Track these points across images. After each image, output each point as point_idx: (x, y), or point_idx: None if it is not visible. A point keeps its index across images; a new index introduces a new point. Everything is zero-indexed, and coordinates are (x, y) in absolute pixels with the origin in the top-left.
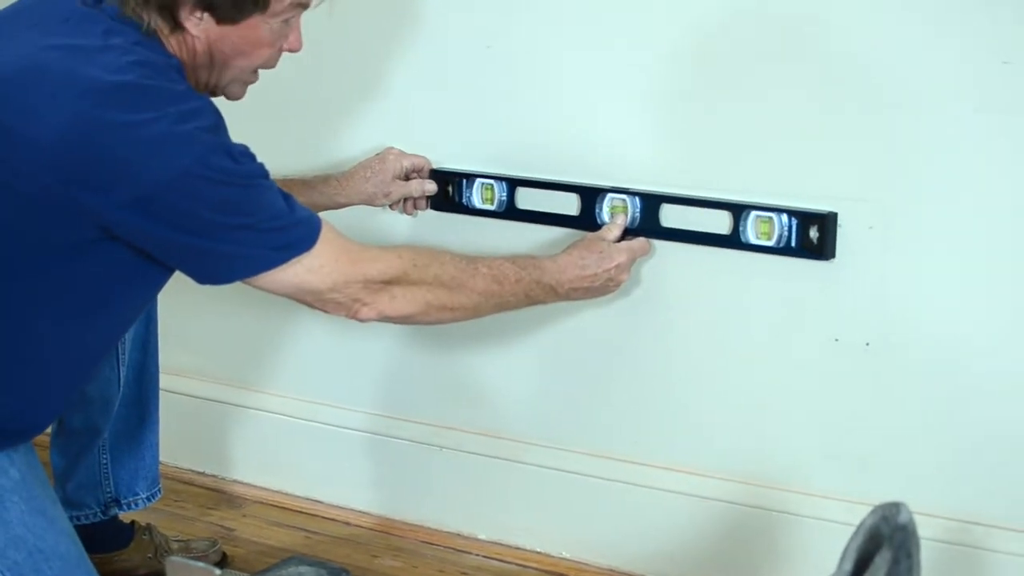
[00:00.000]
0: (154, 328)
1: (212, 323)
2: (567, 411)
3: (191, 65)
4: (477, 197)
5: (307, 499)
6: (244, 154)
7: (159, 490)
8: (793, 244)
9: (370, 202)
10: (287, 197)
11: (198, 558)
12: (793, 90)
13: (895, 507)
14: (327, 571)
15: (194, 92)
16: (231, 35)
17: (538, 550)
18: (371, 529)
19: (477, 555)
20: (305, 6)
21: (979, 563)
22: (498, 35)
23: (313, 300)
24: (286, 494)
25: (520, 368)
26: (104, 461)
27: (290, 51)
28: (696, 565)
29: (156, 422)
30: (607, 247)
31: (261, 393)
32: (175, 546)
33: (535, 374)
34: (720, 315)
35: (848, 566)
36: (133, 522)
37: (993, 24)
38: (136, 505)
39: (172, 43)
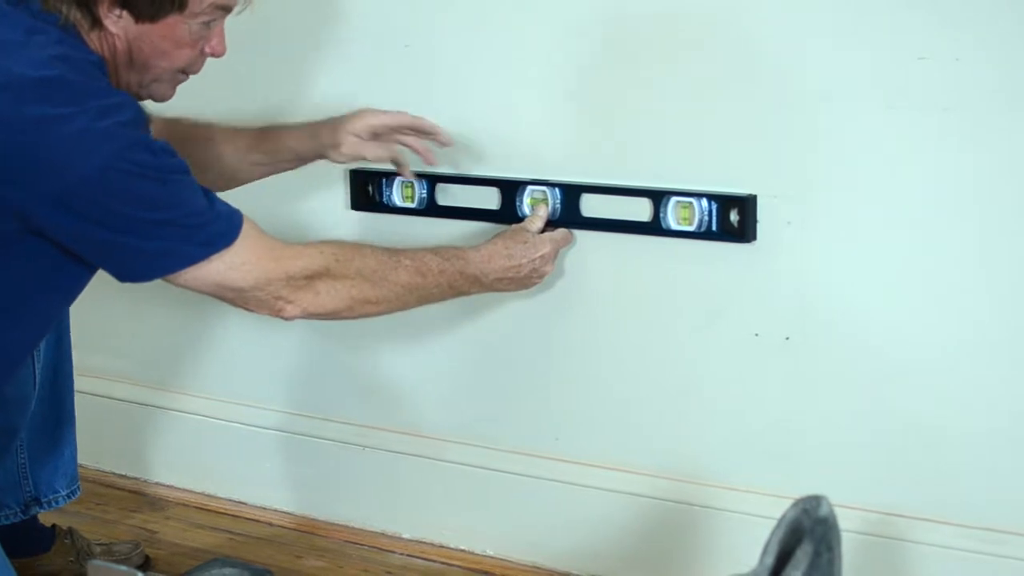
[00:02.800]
0: (66, 325)
1: (132, 325)
2: (489, 408)
3: (113, 64)
4: (397, 195)
5: (230, 500)
6: (164, 149)
7: (78, 487)
8: (714, 228)
9: (322, 153)
10: (207, 192)
11: (120, 561)
12: (709, 86)
13: (816, 500)
14: (250, 572)
15: (114, 88)
16: (150, 34)
17: (462, 548)
18: (294, 529)
19: (401, 554)
20: (227, 9)
21: (901, 555)
22: (416, 34)
23: (235, 298)
24: (208, 495)
25: (441, 365)
26: (22, 461)
27: (212, 55)
28: (619, 560)
29: (72, 419)
30: (532, 238)
31: (182, 395)
32: (97, 549)
33: (456, 371)
34: (641, 312)
35: (770, 560)
36: (54, 526)
37: (909, 20)
38: (56, 503)
39: (93, 40)
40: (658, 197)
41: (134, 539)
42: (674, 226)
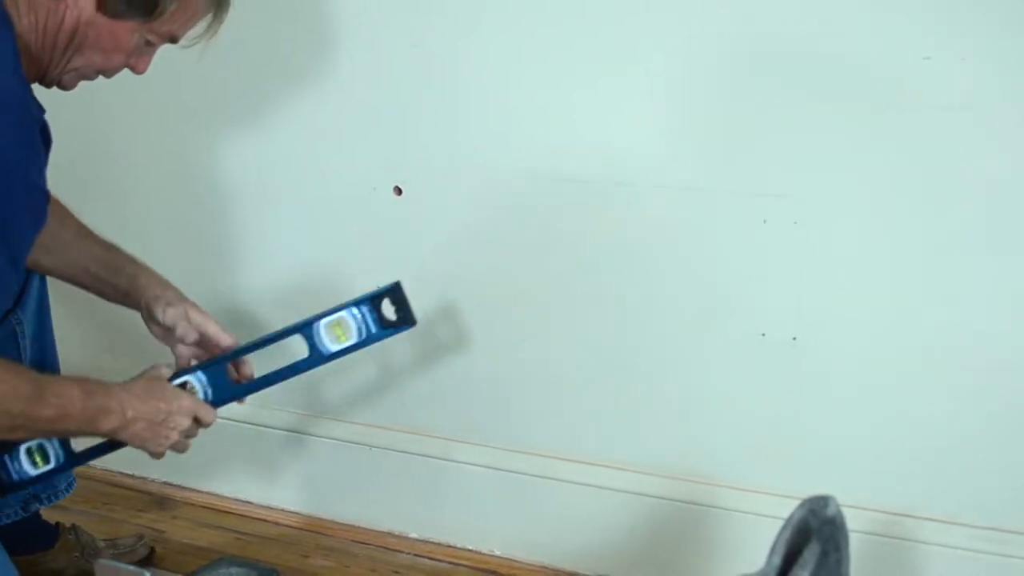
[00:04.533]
0: (48, 323)
1: (139, 324)
2: (496, 409)
3: (51, 42)
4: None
5: (237, 500)
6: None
7: (74, 479)
8: (374, 330)
9: (150, 313)
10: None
11: (124, 554)
12: (716, 85)
13: (823, 500)
14: (257, 572)
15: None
16: (102, 27)
17: (469, 548)
18: (301, 529)
19: (408, 554)
20: (175, 41)
21: (908, 555)
22: (423, 35)
23: None
24: (216, 495)
25: (449, 366)
26: None
27: (132, 70)
28: (626, 560)
29: None
30: (169, 390)
31: None
32: (102, 545)
33: (463, 372)
34: (648, 311)
35: (777, 560)
36: (58, 523)
37: (914, 20)
38: (56, 497)
39: (40, 11)
40: (306, 329)
41: (137, 532)
42: (333, 348)
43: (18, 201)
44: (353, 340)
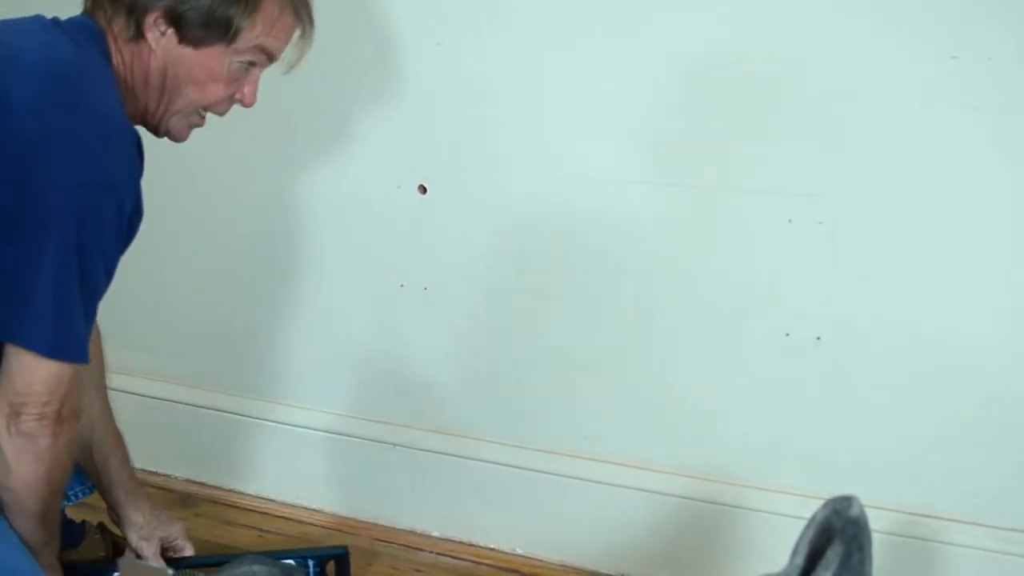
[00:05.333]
0: None
1: (166, 322)
2: (518, 407)
3: (143, 83)
4: None
5: (259, 498)
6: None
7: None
8: None
9: (117, 510)
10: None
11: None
12: (742, 84)
13: (847, 500)
14: (280, 569)
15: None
16: (188, 59)
17: (491, 546)
18: (324, 527)
19: (431, 552)
20: (270, 56)
21: (931, 555)
22: (447, 33)
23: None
24: (239, 493)
25: (471, 365)
26: None
27: (241, 102)
28: (648, 559)
29: None
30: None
31: (213, 392)
32: (127, 544)
33: (486, 371)
34: (670, 312)
35: (800, 560)
36: (84, 521)
37: (941, 19)
38: (85, 494)
39: (125, 54)
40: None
41: None
42: None
43: (114, 223)
44: None
